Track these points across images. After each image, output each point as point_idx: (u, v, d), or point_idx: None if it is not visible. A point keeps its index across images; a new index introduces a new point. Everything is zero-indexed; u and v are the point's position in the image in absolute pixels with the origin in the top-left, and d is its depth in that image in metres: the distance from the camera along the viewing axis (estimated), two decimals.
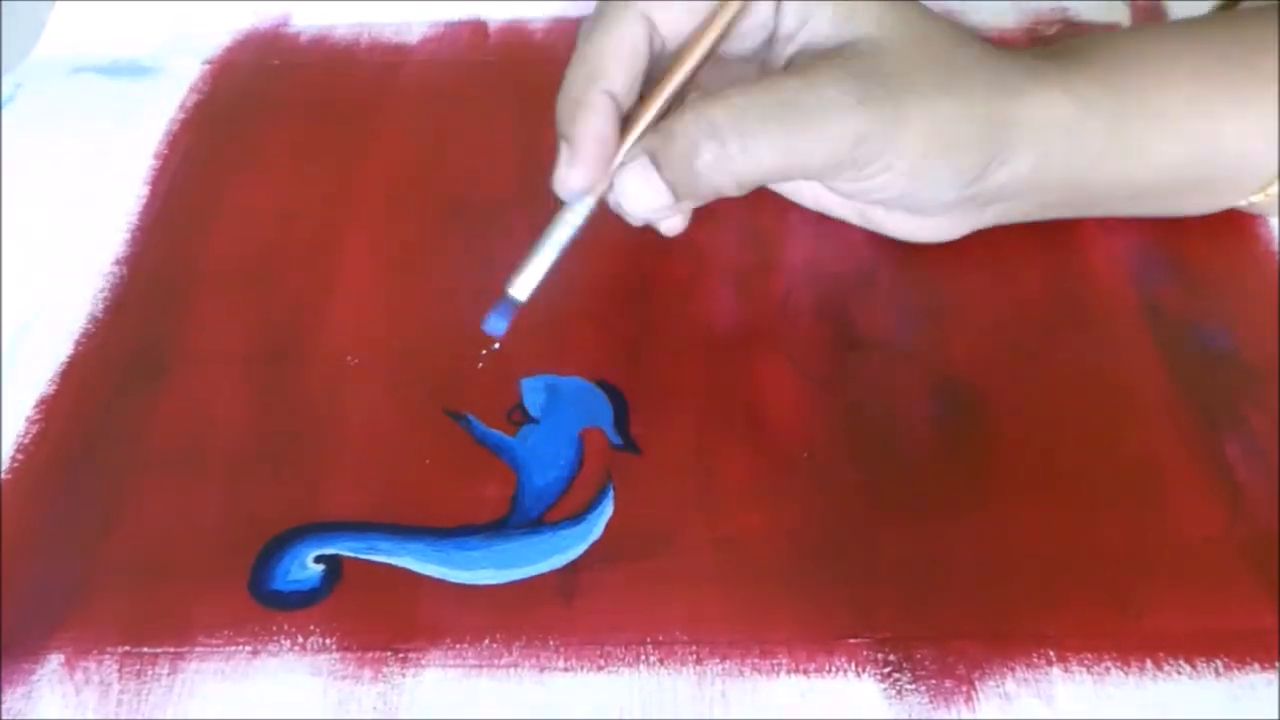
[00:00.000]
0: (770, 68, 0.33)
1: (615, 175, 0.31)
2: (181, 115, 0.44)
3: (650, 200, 0.31)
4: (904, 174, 0.32)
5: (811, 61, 0.31)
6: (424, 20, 0.48)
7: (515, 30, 0.47)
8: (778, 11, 0.32)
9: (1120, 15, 0.46)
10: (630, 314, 0.35)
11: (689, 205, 0.32)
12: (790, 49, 0.32)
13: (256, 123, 0.43)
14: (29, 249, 0.38)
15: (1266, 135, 0.33)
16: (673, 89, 0.31)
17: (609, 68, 0.31)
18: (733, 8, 0.31)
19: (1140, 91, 0.33)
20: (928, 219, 0.36)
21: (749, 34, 0.32)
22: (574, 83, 0.31)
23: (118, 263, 0.38)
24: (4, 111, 0.44)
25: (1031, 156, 0.33)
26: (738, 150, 0.30)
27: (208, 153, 0.42)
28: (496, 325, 0.31)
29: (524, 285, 0.31)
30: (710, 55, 0.31)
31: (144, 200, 0.40)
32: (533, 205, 0.34)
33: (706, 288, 0.36)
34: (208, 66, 0.46)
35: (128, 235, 0.39)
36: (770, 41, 0.33)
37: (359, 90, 0.44)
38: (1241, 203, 0.36)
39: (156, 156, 0.42)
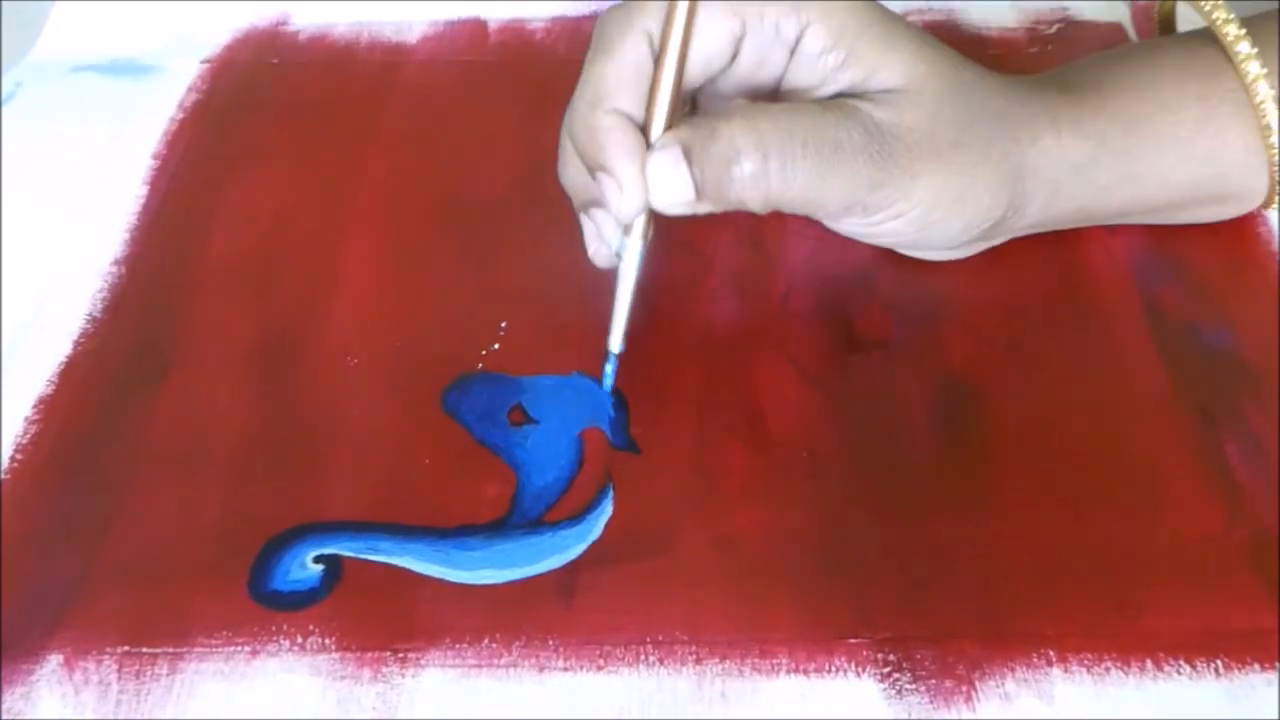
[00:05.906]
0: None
1: (646, 160, 0.30)
2: (180, 115, 0.43)
3: (675, 193, 0.30)
4: (913, 223, 0.32)
5: (839, 101, 0.31)
6: (424, 19, 0.48)
7: (515, 30, 0.47)
8: (795, 53, 0.31)
9: (1120, 15, 0.46)
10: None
11: (706, 208, 0.31)
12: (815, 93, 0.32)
13: (255, 122, 0.43)
14: (28, 249, 0.38)
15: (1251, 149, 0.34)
16: (673, 73, 0.30)
17: (616, 91, 0.30)
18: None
19: (1148, 119, 0.33)
20: (932, 250, 0.36)
21: (764, 59, 0.31)
22: (582, 110, 0.30)
23: (116, 263, 0.38)
24: (3, 110, 0.44)
25: (1042, 197, 0.33)
26: (777, 170, 0.29)
27: (207, 152, 0.42)
28: (608, 379, 0.33)
29: (616, 338, 0.33)
30: (686, 44, 0.30)
31: (143, 200, 0.40)
32: (532, 205, 0.34)
33: (706, 288, 0.36)
34: (207, 66, 0.46)
35: (126, 235, 0.39)
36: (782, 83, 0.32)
37: (358, 90, 0.44)
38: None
39: (155, 156, 0.42)
